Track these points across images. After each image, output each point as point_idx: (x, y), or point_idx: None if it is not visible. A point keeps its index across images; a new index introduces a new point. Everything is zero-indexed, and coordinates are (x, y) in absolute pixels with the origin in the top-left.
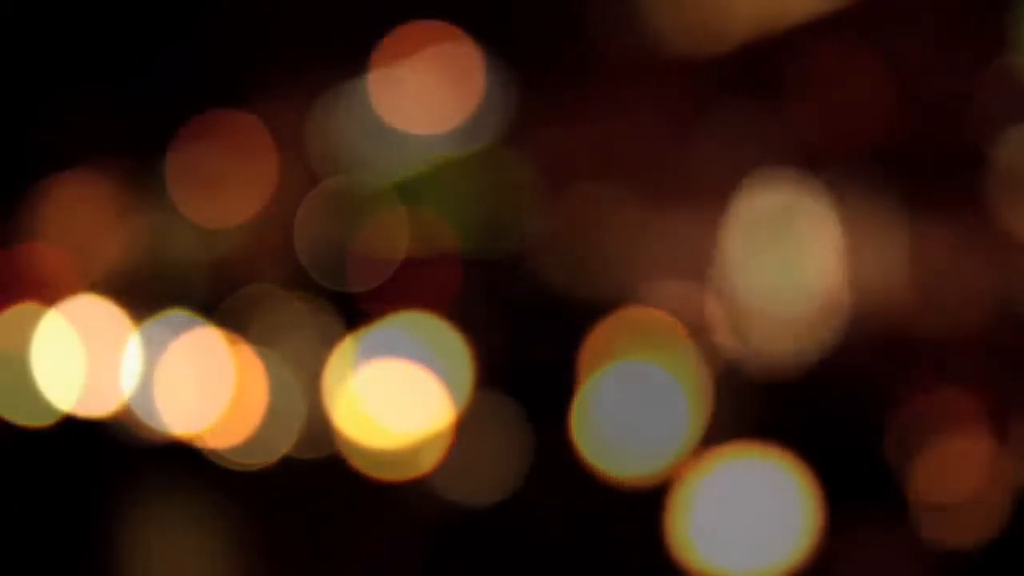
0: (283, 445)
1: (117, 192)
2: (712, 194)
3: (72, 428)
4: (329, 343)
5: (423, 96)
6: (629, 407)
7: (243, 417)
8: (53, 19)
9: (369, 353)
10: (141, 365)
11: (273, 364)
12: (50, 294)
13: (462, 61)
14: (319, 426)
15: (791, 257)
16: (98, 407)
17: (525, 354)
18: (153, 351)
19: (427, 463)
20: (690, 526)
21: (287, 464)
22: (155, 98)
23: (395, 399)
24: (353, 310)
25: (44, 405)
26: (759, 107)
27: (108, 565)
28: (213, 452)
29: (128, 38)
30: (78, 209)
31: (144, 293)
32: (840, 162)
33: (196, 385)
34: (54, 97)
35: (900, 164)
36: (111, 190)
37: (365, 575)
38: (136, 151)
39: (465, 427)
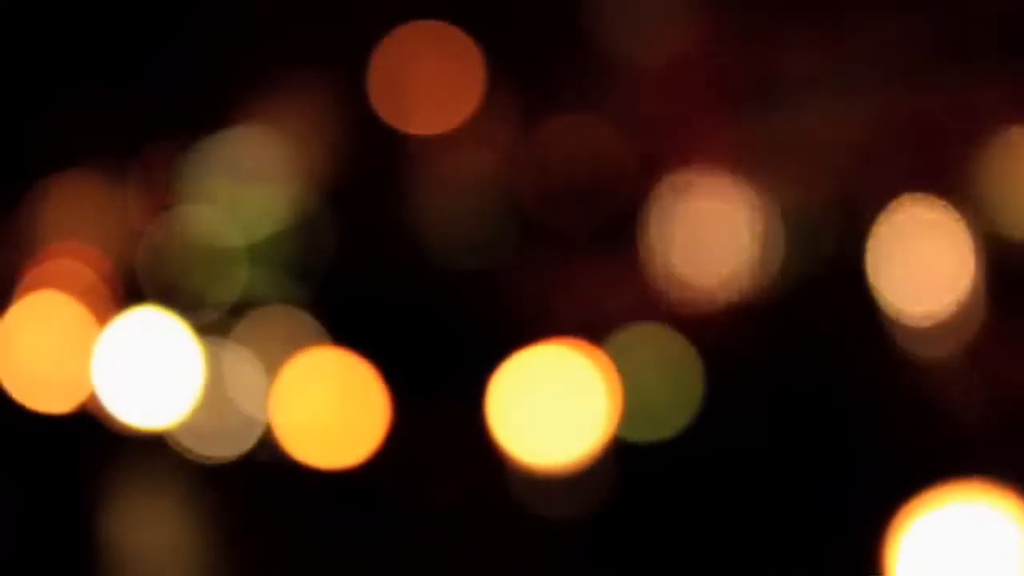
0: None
1: (116, 191)
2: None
3: (60, 423)
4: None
5: (423, 96)
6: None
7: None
8: (53, 19)
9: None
10: (111, 359)
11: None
12: (47, 292)
13: (462, 61)
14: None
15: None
16: (66, 401)
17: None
18: (123, 345)
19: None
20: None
21: (282, 465)
22: (155, 98)
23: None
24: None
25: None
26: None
27: (99, 561)
28: (182, 446)
29: (128, 38)
30: (77, 208)
31: (142, 292)
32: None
33: (166, 379)
34: (54, 97)
35: None
36: (110, 190)
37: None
38: (135, 151)
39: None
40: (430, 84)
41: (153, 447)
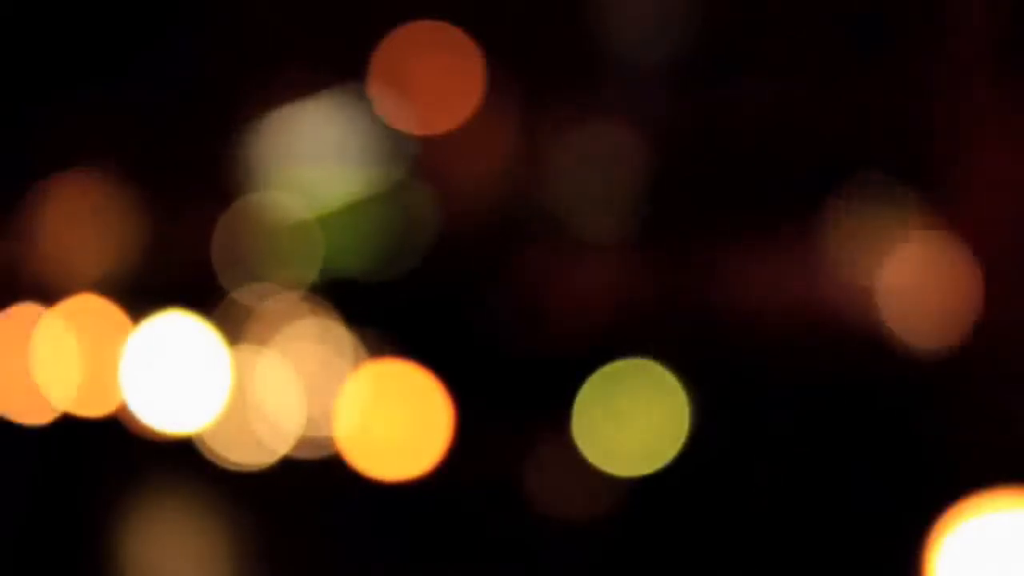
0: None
1: (113, 192)
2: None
3: (70, 427)
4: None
5: (423, 96)
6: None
7: (243, 417)
8: (54, 20)
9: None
10: (139, 365)
11: (274, 366)
12: (47, 294)
13: (462, 61)
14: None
15: None
16: (96, 406)
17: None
18: (151, 351)
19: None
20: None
21: (286, 465)
22: (155, 98)
23: None
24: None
25: (42, 403)
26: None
27: (106, 563)
28: (212, 452)
29: (128, 39)
30: (76, 209)
31: (142, 293)
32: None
33: (194, 385)
34: (54, 97)
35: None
36: (107, 190)
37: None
38: (134, 151)
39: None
40: (430, 84)
41: (184, 452)
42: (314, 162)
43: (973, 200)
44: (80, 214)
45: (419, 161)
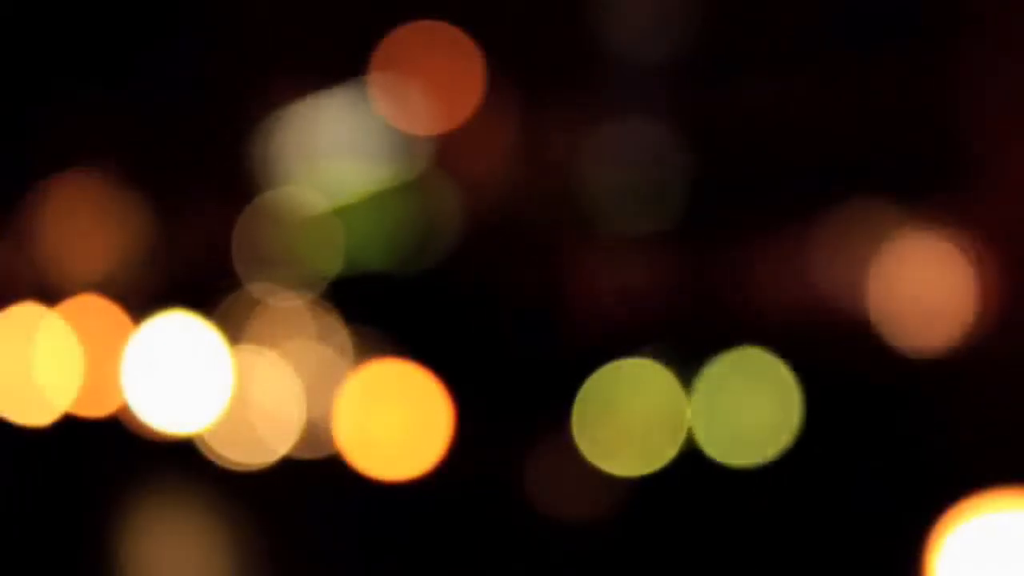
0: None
1: (114, 193)
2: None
3: (71, 428)
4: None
5: (422, 96)
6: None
7: (243, 417)
8: (54, 21)
9: None
10: (141, 365)
11: (274, 366)
12: (49, 294)
13: (462, 61)
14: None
15: None
16: (97, 407)
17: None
18: (153, 351)
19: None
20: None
21: (286, 465)
22: (155, 98)
23: None
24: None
25: (44, 404)
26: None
27: (108, 564)
28: (212, 452)
29: (128, 39)
30: (76, 209)
31: (143, 293)
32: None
33: (196, 385)
34: (54, 97)
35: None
36: (109, 191)
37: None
38: (134, 151)
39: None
40: (430, 84)
41: (185, 452)
42: (311, 163)
43: (973, 200)
44: (81, 214)
45: (418, 161)
